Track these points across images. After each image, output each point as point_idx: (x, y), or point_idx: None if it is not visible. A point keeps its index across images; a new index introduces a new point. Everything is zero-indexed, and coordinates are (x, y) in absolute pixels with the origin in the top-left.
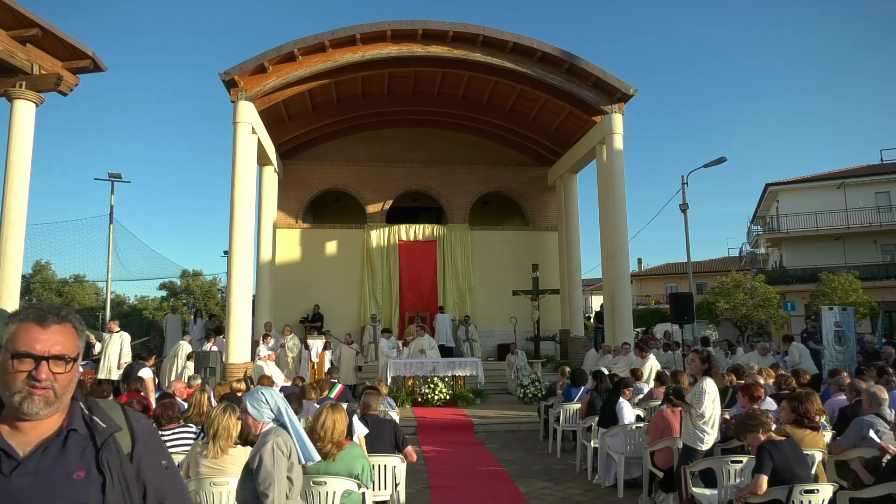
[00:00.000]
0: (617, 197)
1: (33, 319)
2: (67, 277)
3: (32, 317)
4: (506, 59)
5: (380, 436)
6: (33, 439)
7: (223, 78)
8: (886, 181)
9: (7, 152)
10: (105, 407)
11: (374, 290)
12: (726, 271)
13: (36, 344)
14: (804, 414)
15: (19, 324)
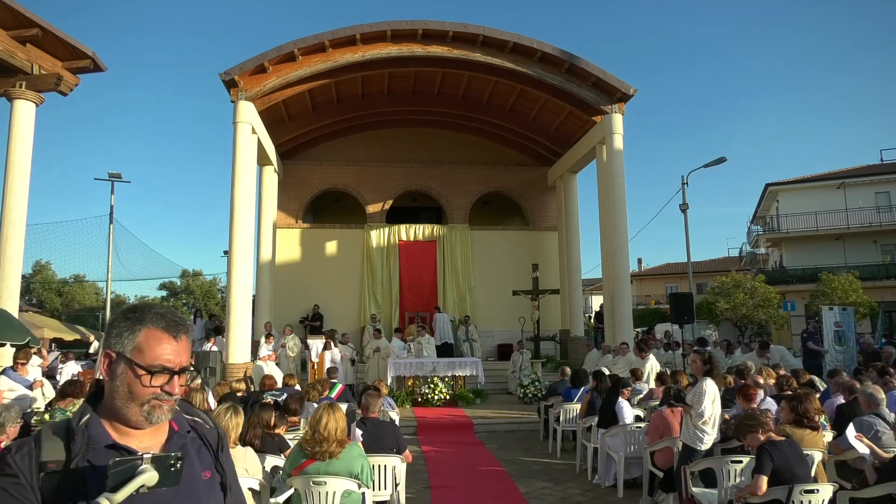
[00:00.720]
0: (617, 197)
1: (164, 329)
2: (67, 277)
3: (163, 326)
4: (506, 59)
5: (380, 439)
6: (153, 444)
7: (223, 78)
8: (886, 181)
9: (7, 152)
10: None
11: (374, 290)
12: (726, 271)
13: (172, 358)
14: (804, 414)
15: (147, 331)
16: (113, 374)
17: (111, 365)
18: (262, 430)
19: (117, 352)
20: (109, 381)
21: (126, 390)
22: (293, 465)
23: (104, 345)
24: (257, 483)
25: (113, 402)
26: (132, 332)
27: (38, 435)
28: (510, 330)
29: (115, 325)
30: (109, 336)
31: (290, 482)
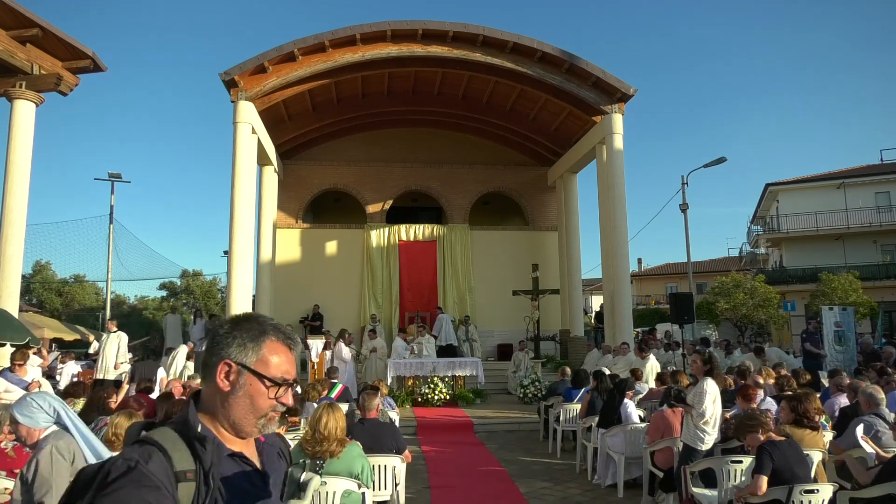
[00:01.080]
0: (617, 197)
1: (282, 341)
2: (67, 277)
3: (282, 339)
4: (506, 59)
5: (380, 439)
6: (250, 453)
7: (223, 78)
8: (886, 181)
9: (7, 152)
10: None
11: (374, 290)
12: (726, 271)
13: (290, 370)
14: (803, 414)
15: (270, 343)
16: (233, 386)
17: (229, 375)
18: None
19: (239, 363)
20: (228, 391)
21: (248, 402)
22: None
23: (218, 354)
24: None
25: (229, 412)
26: (256, 343)
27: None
28: (510, 330)
29: (231, 336)
30: (226, 346)
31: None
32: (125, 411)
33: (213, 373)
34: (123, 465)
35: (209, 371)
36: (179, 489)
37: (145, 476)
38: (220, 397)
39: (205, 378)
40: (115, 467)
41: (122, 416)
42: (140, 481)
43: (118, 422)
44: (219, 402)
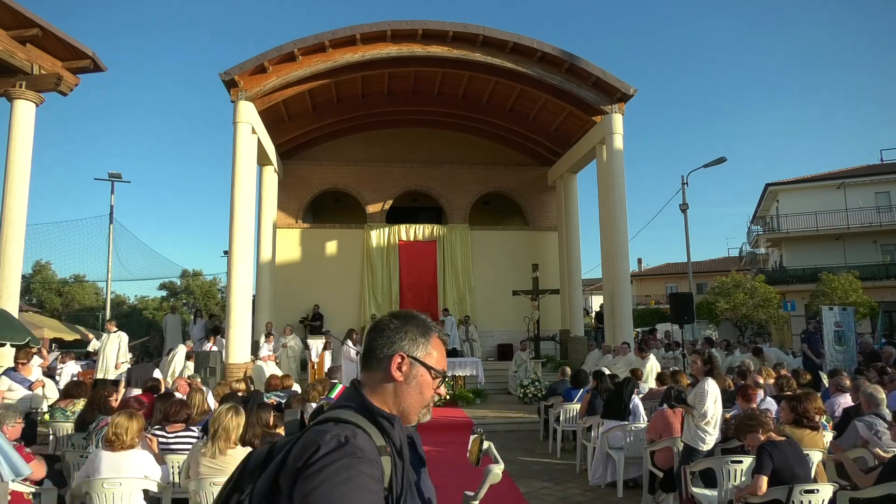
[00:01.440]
0: (617, 197)
1: (441, 338)
2: (67, 277)
3: (441, 336)
4: (506, 59)
5: None
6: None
7: (223, 78)
8: (886, 181)
9: (7, 152)
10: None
11: (374, 290)
12: (726, 271)
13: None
14: (803, 414)
15: (434, 338)
16: (407, 377)
17: (401, 367)
18: (261, 429)
19: (412, 356)
20: (402, 382)
21: (418, 392)
22: None
23: (391, 347)
24: None
25: (401, 401)
26: (426, 339)
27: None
28: (510, 330)
29: (403, 331)
30: (398, 340)
31: None
32: (125, 411)
33: (384, 364)
34: (332, 440)
35: (379, 362)
36: (382, 462)
37: (358, 449)
38: (392, 387)
39: (371, 368)
40: (324, 443)
41: (123, 416)
42: (354, 454)
43: (118, 421)
44: (391, 391)
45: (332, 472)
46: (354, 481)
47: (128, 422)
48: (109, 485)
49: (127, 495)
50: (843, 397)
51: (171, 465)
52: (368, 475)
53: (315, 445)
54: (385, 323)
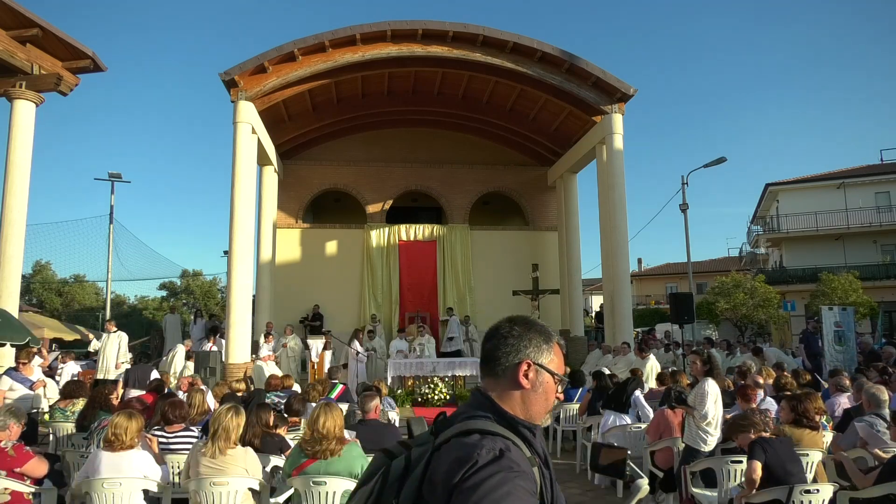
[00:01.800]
0: (617, 197)
1: (559, 343)
2: (67, 277)
3: (559, 341)
4: (506, 59)
5: (381, 441)
6: None
7: (223, 78)
8: (886, 181)
9: (7, 152)
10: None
11: (374, 290)
12: (726, 271)
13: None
14: (803, 413)
15: (555, 345)
16: (534, 384)
17: (528, 374)
18: (261, 429)
19: (538, 363)
20: (529, 389)
21: (544, 398)
22: (293, 466)
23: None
24: (257, 483)
25: (529, 408)
26: (548, 345)
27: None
28: None
29: (527, 338)
30: (524, 348)
31: (290, 482)
32: (125, 411)
33: (510, 372)
34: (488, 454)
35: (505, 370)
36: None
37: (514, 462)
38: (520, 394)
39: (496, 376)
40: (480, 457)
41: (122, 417)
42: (511, 468)
43: (118, 422)
44: (518, 398)
45: (492, 487)
46: (513, 495)
47: (127, 422)
48: (109, 485)
49: (127, 495)
50: (844, 397)
51: (171, 465)
52: (525, 489)
53: (471, 460)
54: (507, 330)
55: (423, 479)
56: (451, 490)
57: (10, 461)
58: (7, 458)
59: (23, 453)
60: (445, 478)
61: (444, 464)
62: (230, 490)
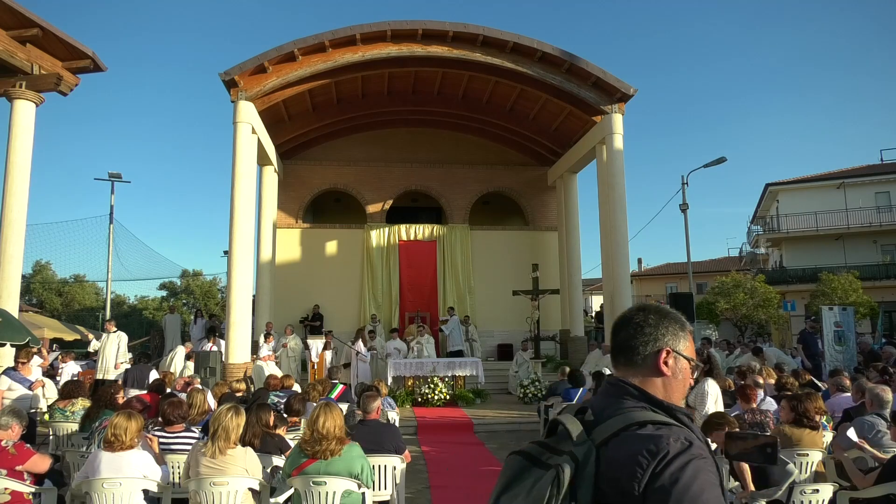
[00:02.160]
0: (617, 197)
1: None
2: (67, 277)
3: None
4: (506, 59)
5: (381, 441)
6: None
7: (223, 78)
8: (886, 181)
9: (7, 152)
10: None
11: (374, 290)
12: (726, 271)
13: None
14: (803, 413)
15: (689, 331)
16: (674, 371)
17: (667, 361)
18: (261, 429)
19: (676, 350)
20: (670, 376)
21: (682, 384)
22: (293, 466)
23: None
24: (257, 483)
25: (670, 395)
26: (684, 332)
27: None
28: (510, 330)
29: (664, 326)
30: (661, 336)
31: (290, 482)
32: (124, 412)
33: (650, 360)
34: (677, 443)
35: (644, 359)
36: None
37: (702, 450)
38: (661, 381)
39: (635, 365)
40: (671, 447)
41: (121, 417)
42: (701, 455)
43: (117, 422)
44: (660, 385)
45: (691, 476)
46: (710, 482)
47: (127, 422)
48: (109, 485)
49: (127, 495)
50: (842, 397)
51: (171, 465)
52: (714, 475)
53: (662, 451)
54: (641, 319)
55: (597, 476)
56: (646, 482)
57: (12, 459)
58: (9, 456)
59: (24, 450)
60: (634, 470)
61: (627, 457)
62: (230, 490)
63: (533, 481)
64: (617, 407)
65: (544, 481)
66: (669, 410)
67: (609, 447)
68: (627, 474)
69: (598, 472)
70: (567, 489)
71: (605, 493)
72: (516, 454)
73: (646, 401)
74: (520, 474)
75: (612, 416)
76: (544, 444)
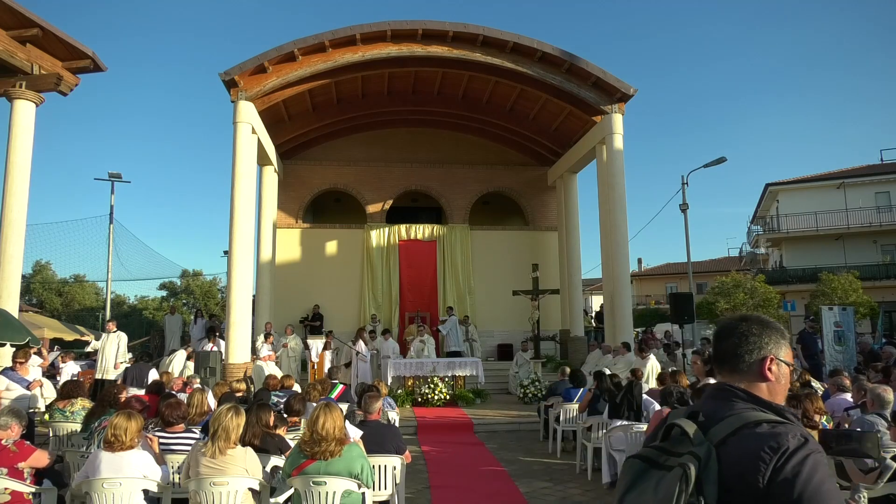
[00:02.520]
0: (617, 197)
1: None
2: (67, 277)
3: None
4: (506, 59)
5: (381, 442)
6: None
7: (223, 78)
8: (886, 181)
9: (7, 152)
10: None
11: (374, 290)
12: (726, 271)
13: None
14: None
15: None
16: (777, 376)
17: (771, 368)
18: (261, 429)
19: (779, 357)
20: (774, 382)
21: (783, 388)
22: (293, 466)
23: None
24: (257, 483)
25: (774, 398)
26: (784, 339)
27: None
28: (510, 330)
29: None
30: (764, 345)
31: (290, 482)
32: (124, 412)
33: (755, 367)
34: (794, 439)
35: (750, 366)
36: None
37: (818, 445)
38: (766, 386)
39: (740, 371)
40: (790, 442)
41: (121, 417)
42: (819, 450)
43: (117, 423)
44: (765, 390)
45: (811, 469)
46: (827, 474)
47: (126, 422)
48: (109, 485)
49: (127, 495)
50: (844, 397)
51: (171, 465)
52: (828, 467)
53: (783, 446)
54: (745, 328)
55: (719, 473)
56: (769, 475)
57: (13, 456)
58: (10, 453)
59: (25, 447)
60: (757, 465)
61: (750, 453)
62: (230, 490)
63: (656, 481)
64: (729, 409)
65: (670, 479)
66: (779, 411)
67: (728, 445)
68: (751, 469)
69: (720, 469)
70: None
71: (729, 488)
72: (635, 458)
73: (755, 402)
74: (641, 475)
75: (726, 418)
76: (660, 448)
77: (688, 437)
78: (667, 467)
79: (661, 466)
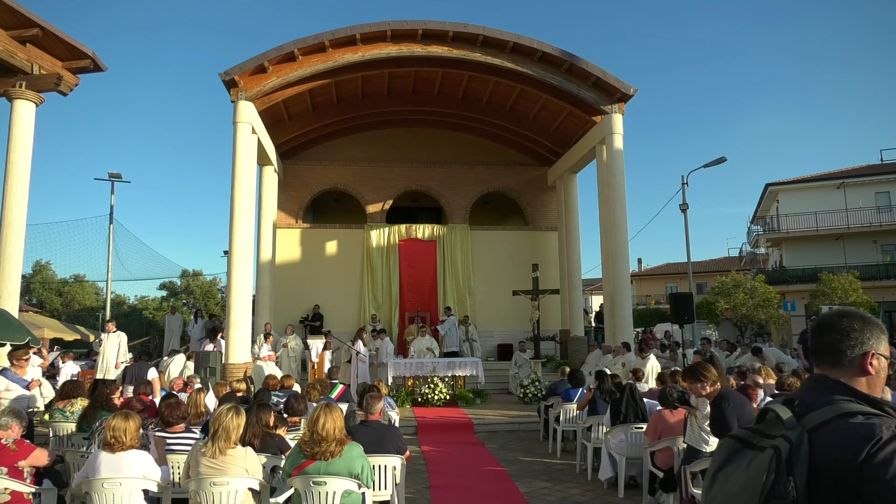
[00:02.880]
0: (617, 197)
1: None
2: (67, 277)
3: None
4: (506, 59)
5: (381, 443)
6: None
7: (223, 78)
8: (886, 181)
9: (7, 152)
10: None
11: (374, 290)
12: (726, 271)
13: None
14: None
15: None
16: (877, 370)
17: (871, 362)
18: (261, 429)
19: (880, 352)
20: (874, 376)
21: (882, 381)
22: (293, 466)
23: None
24: (257, 483)
25: (873, 391)
26: (884, 335)
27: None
28: (510, 330)
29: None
30: (866, 340)
31: (290, 482)
32: (121, 413)
33: (857, 361)
34: (888, 430)
35: (851, 361)
36: None
37: None
38: (866, 380)
39: (841, 366)
40: (883, 432)
41: (119, 418)
42: None
43: (115, 424)
44: (864, 384)
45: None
46: None
47: (125, 423)
48: (109, 485)
49: (127, 495)
50: None
51: (171, 465)
52: None
53: (875, 436)
54: (846, 324)
55: (811, 457)
56: (860, 464)
57: (14, 455)
58: (10, 452)
59: (25, 446)
60: (850, 454)
61: (842, 442)
62: (230, 490)
63: (748, 460)
64: (826, 399)
65: (762, 459)
66: (877, 404)
67: (821, 432)
68: (844, 456)
69: (811, 454)
70: (785, 465)
71: (820, 473)
72: (730, 437)
73: (853, 395)
74: (734, 454)
75: (822, 407)
76: (755, 430)
77: (781, 421)
78: (759, 448)
79: (754, 447)
